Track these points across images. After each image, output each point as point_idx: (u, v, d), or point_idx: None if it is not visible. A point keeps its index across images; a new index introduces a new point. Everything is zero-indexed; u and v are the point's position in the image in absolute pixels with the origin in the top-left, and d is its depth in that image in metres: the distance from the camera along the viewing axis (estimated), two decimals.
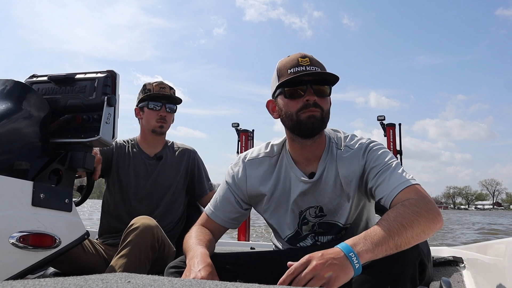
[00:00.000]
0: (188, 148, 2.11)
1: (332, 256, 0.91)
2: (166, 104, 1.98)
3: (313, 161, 1.31)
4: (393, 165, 1.19)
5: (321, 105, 1.22)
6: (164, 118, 1.97)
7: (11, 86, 1.29)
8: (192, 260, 1.09)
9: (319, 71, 1.22)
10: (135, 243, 1.49)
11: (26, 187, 1.13)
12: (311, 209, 1.31)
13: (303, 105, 1.21)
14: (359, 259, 0.92)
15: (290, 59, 1.25)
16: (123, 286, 0.70)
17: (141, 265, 1.48)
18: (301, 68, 1.21)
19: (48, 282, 0.68)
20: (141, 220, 1.54)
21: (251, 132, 5.76)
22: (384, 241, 0.96)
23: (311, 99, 1.20)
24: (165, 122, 1.98)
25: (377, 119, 5.51)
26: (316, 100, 1.21)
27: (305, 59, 1.23)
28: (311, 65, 1.22)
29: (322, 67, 1.25)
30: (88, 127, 1.30)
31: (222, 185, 1.42)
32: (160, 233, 1.58)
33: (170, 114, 2.01)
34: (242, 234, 5.31)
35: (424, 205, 1.06)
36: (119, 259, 1.49)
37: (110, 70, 1.35)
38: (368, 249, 0.94)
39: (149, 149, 2.04)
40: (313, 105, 1.21)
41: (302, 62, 1.22)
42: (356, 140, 1.31)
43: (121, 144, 2.05)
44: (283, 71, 1.24)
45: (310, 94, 1.21)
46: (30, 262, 1.13)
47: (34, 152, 1.23)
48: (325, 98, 1.24)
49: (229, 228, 1.41)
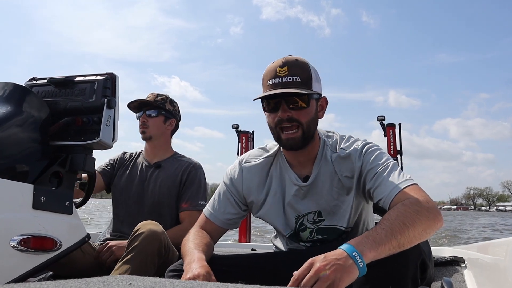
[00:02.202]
0: (190, 162, 2.05)
1: (335, 257, 0.90)
2: (147, 111, 2.01)
3: (308, 164, 1.31)
4: (390, 166, 1.19)
5: (298, 119, 1.20)
6: (144, 123, 2.00)
7: (11, 89, 1.29)
8: (189, 265, 1.09)
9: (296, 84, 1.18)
10: (141, 248, 1.48)
11: (27, 190, 1.13)
12: (309, 215, 1.31)
13: (278, 120, 1.21)
14: (363, 258, 0.91)
15: (271, 68, 1.23)
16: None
17: (146, 271, 1.47)
18: (278, 80, 1.19)
19: (50, 285, 0.68)
20: (148, 226, 1.53)
21: (251, 134, 5.76)
22: (387, 240, 0.95)
23: (283, 115, 1.20)
24: (146, 127, 2.00)
25: (377, 119, 5.51)
26: (291, 115, 1.20)
27: (283, 68, 1.20)
28: (288, 75, 1.19)
29: (304, 73, 1.21)
30: (88, 129, 1.30)
31: (221, 186, 1.42)
32: (166, 239, 1.58)
33: (152, 118, 2.01)
34: (243, 236, 5.31)
35: (425, 204, 1.06)
36: (125, 264, 1.47)
37: (109, 73, 1.35)
38: (372, 248, 0.93)
39: (149, 157, 2.07)
40: (288, 120, 1.20)
41: (279, 72, 1.20)
42: (352, 142, 1.30)
43: (126, 156, 2.14)
44: (265, 81, 1.23)
45: (283, 110, 1.20)
46: (31, 265, 1.13)
47: (35, 155, 1.23)
48: (302, 110, 1.21)
49: (227, 230, 1.40)
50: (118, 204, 2.01)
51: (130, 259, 1.47)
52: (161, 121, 2.04)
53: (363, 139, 1.32)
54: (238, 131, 5.71)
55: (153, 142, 2.04)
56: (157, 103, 2.04)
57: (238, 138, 5.69)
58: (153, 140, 2.03)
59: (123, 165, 2.09)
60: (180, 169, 2.00)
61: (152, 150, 2.06)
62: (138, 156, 2.12)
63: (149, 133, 2.01)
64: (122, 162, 2.10)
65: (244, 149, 5.59)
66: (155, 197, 1.95)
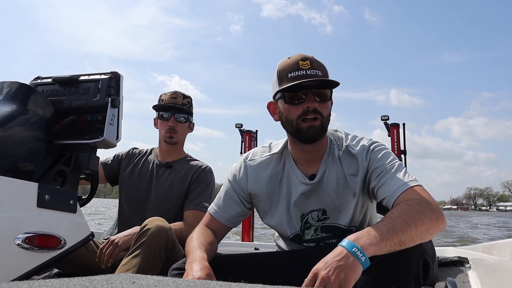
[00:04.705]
0: (201, 164, 2.04)
1: (335, 259, 0.90)
2: (176, 114, 1.97)
3: (314, 163, 1.31)
4: (395, 166, 1.19)
5: (321, 111, 1.21)
6: (173, 129, 1.97)
7: (16, 88, 1.30)
8: (190, 265, 1.09)
9: (320, 77, 1.19)
10: (149, 243, 1.48)
11: (31, 188, 1.14)
12: (314, 212, 1.30)
13: (303, 112, 1.20)
14: (364, 252, 0.90)
15: (290, 62, 1.23)
16: (127, 287, 0.70)
17: (154, 265, 1.47)
18: (302, 72, 1.19)
19: (54, 283, 0.68)
20: (156, 222, 1.53)
21: (255, 133, 5.76)
22: (388, 236, 0.94)
23: (311, 105, 1.19)
24: (174, 133, 1.98)
25: (381, 119, 5.49)
26: (317, 106, 1.20)
27: (305, 62, 1.21)
28: (311, 68, 1.20)
29: (323, 69, 1.23)
30: (92, 128, 1.30)
31: (225, 184, 1.42)
32: (173, 234, 1.58)
33: (181, 124, 2.00)
34: (246, 235, 5.31)
35: (428, 205, 1.05)
36: (134, 258, 1.47)
37: (114, 72, 1.35)
38: (372, 242, 0.92)
39: (162, 157, 2.05)
40: (313, 111, 1.20)
41: (302, 65, 1.20)
42: (358, 141, 1.30)
43: (135, 152, 2.11)
44: (283, 74, 1.23)
45: (310, 101, 1.19)
46: (36, 263, 1.13)
47: (39, 153, 1.23)
48: (325, 103, 1.22)
49: (232, 228, 1.41)
50: (126, 201, 2.00)
51: (138, 254, 1.47)
52: (187, 126, 2.04)
53: (369, 138, 1.32)
54: (241, 130, 5.71)
55: (174, 146, 2.02)
56: (186, 107, 2.01)
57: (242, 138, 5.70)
58: (174, 144, 2.02)
59: (131, 161, 2.07)
60: (190, 172, 1.99)
61: (169, 152, 2.04)
62: (149, 153, 2.10)
63: (176, 139, 1.99)
64: (130, 158, 2.08)
65: (248, 148, 5.59)
66: (163, 196, 1.94)
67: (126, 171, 2.04)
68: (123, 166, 2.06)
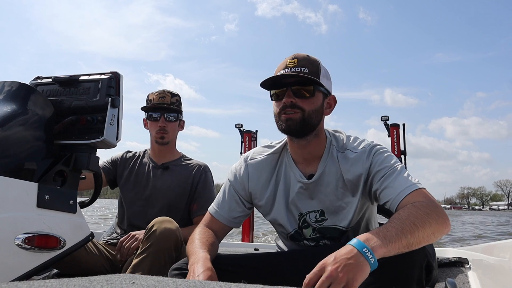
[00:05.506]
0: (199, 164, 2.04)
1: (345, 257, 0.89)
2: (165, 114, 1.96)
3: (313, 162, 1.31)
4: (398, 169, 1.19)
5: (302, 106, 1.22)
6: (164, 129, 1.95)
7: (16, 88, 1.30)
8: (193, 265, 1.09)
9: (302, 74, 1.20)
10: (158, 243, 1.48)
11: (31, 188, 1.14)
12: (312, 213, 1.30)
13: (282, 106, 1.22)
14: (374, 253, 0.90)
15: (282, 61, 1.27)
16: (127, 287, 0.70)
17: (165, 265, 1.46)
18: (286, 71, 1.22)
19: (53, 283, 0.68)
20: (164, 224, 1.53)
21: (255, 133, 5.78)
22: (397, 238, 0.94)
23: (287, 101, 1.21)
24: (165, 133, 1.96)
25: (381, 119, 5.51)
26: (295, 102, 1.21)
27: (293, 60, 1.23)
28: (297, 66, 1.22)
29: (314, 67, 1.24)
30: (92, 128, 1.30)
31: (225, 184, 1.42)
32: (180, 234, 1.58)
33: (171, 123, 1.98)
34: (246, 235, 5.32)
35: (435, 208, 1.05)
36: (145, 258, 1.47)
37: (113, 72, 1.35)
38: (382, 244, 0.92)
39: (156, 158, 2.04)
40: (290, 106, 1.21)
41: (289, 64, 1.23)
42: (359, 142, 1.30)
43: (129, 155, 2.09)
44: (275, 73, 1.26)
45: (287, 96, 1.22)
46: (35, 263, 1.13)
47: (39, 153, 1.23)
48: (308, 99, 1.23)
49: (232, 228, 1.41)
50: (126, 205, 1.99)
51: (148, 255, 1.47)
52: (177, 124, 2.03)
53: (371, 140, 1.32)
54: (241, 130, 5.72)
55: (166, 146, 2.01)
56: (175, 106, 1.99)
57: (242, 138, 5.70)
58: (166, 144, 2.00)
59: (127, 165, 2.05)
60: (190, 173, 1.99)
61: (162, 152, 2.03)
62: (143, 156, 2.08)
63: (168, 139, 1.98)
64: (125, 161, 2.07)
65: (248, 148, 5.60)
66: (165, 199, 1.93)
67: (123, 176, 2.03)
68: (119, 170, 2.05)
